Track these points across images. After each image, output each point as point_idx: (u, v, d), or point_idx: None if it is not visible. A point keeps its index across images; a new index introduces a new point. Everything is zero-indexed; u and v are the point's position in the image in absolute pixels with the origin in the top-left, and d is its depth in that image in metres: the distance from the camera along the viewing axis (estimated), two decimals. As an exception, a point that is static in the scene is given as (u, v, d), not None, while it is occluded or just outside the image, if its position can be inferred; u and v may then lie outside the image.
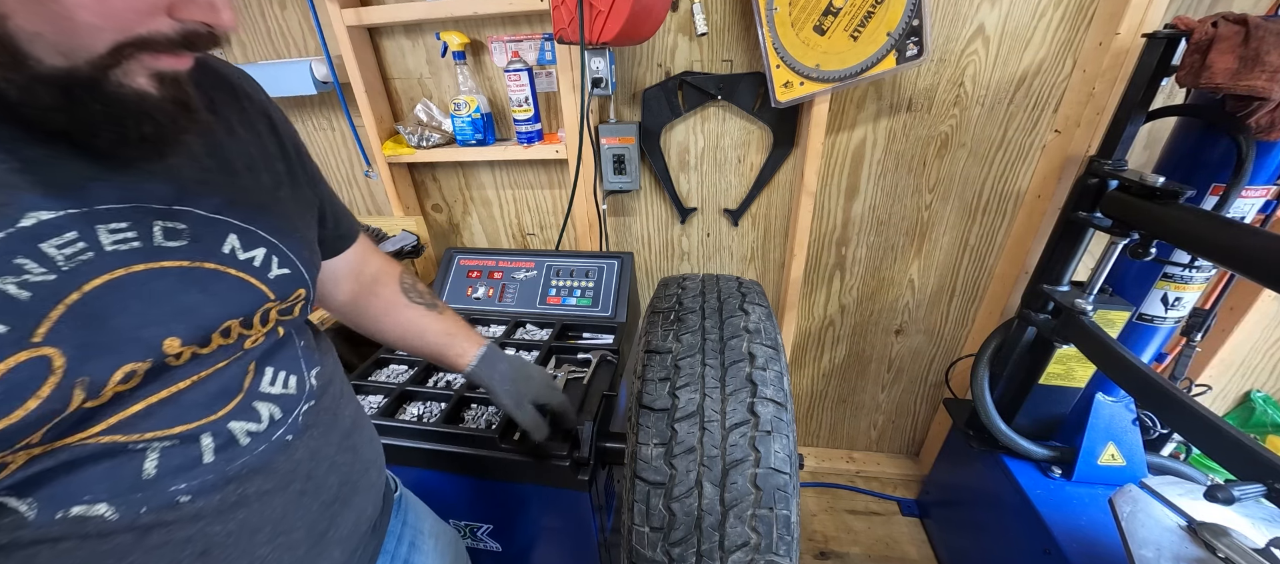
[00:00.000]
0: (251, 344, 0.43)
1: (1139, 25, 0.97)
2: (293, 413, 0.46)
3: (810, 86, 1.09)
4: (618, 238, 1.51)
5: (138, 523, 0.36)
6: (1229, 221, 0.72)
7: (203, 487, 0.39)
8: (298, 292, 0.46)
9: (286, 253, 0.44)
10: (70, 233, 0.31)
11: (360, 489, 0.54)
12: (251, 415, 0.42)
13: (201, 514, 0.39)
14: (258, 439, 0.43)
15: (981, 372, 1.17)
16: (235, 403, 0.41)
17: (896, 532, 1.55)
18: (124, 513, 0.35)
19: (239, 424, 0.41)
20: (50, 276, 0.30)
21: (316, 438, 0.48)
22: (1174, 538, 0.80)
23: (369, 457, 0.57)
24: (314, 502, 0.48)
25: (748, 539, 0.57)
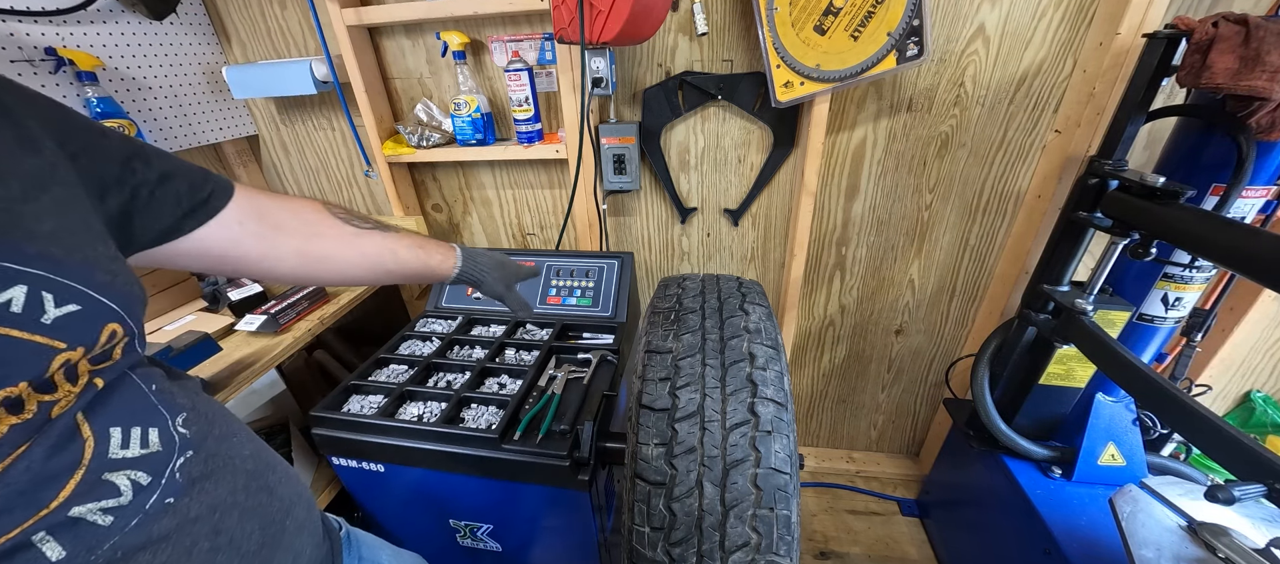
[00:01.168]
0: (58, 411, 0.34)
1: (1139, 25, 0.97)
2: (165, 471, 0.39)
3: (810, 86, 1.09)
4: (618, 238, 1.51)
5: None
6: (1229, 222, 0.72)
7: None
8: (106, 327, 0.36)
9: (66, 283, 0.33)
10: None
11: (288, 530, 0.48)
12: (105, 491, 0.35)
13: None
14: (125, 514, 0.36)
15: (981, 372, 1.17)
16: (73, 484, 0.34)
17: (896, 532, 1.55)
18: None
19: (89, 506, 0.34)
20: None
21: (211, 489, 0.42)
22: (1174, 538, 0.80)
23: (289, 495, 0.51)
24: (234, 555, 0.42)
25: (748, 539, 0.57)
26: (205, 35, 1.39)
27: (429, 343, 1.15)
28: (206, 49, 1.39)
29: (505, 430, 0.86)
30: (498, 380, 1.03)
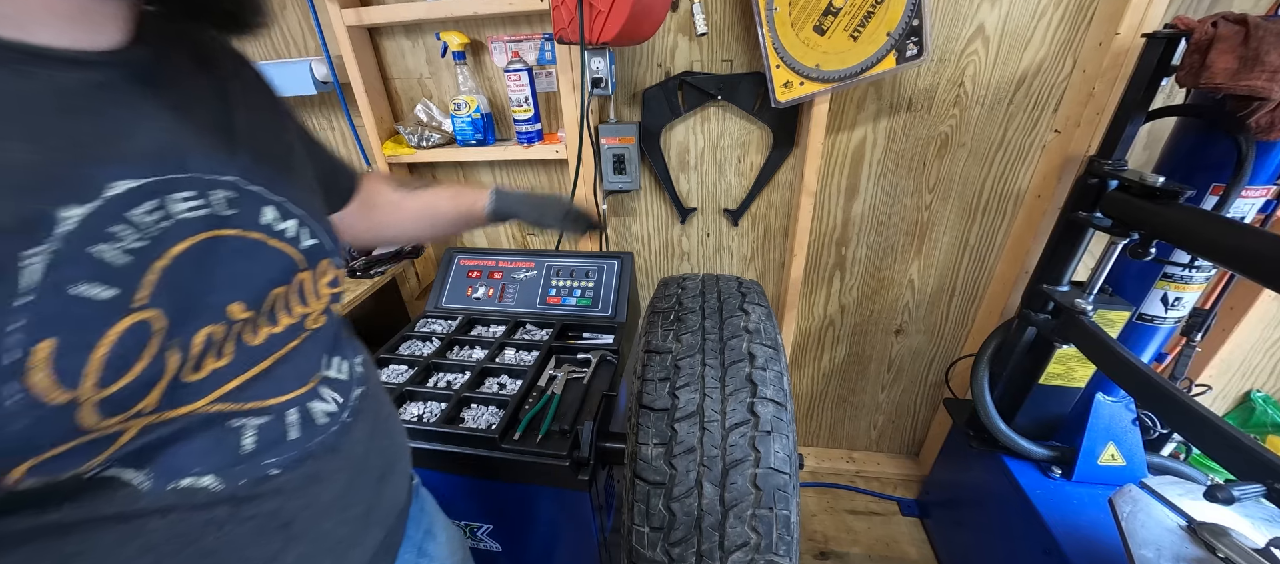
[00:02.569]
0: (313, 324, 0.45)
1: (1139, 25, 0.97)
2: (349, 397, 0.48)
3: (810, 86, 1.09)
4: (618, 238, 1.51)
5: (236, 494, 0.37)
6: (1229, 221, 0.72)
7: (288, 462, 0.41)
8: (323, 261, 0.47)
9: (313, 224, 0.45)
10: (151, 201, 0.31)
11: (396, 472, 0.57)
12: (324, 397, 0.45)
13: (284, 488, 0.41)
14: (331, 420, 0.45)
15: (981, 372, 1.17)
16: (312, 384, 0.44)
17: (896, 532, 1.55)
18: (226, 485, 0.37)
19: (316, 405, 0.44)
20: (144, 243, 0.30)
21: (366, 422, 0.51)
22: (1174, 538, 0.80)
23: (401, 443, 0.60)
24: (367, 481, 0.51)
25: (748, 539, 0.57)
26: (205, 36, 1.39)
27: (429, 343, 1.15)
28: (206, 49, 1.39)
29: (505, 430, 0.86)
30: (498, 380, 1.03)
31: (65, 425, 0.27)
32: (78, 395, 0.27)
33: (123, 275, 0.29)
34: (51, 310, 0.26)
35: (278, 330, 0.41)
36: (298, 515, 0.42)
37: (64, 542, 0.31)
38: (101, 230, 0.28)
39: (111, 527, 0.32)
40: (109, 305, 0.28)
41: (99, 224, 0.28)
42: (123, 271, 0.29)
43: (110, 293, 0.28)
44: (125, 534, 0.33)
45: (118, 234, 0.29)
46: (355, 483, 0.49)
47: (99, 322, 0.28)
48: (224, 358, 0.36)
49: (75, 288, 0.27)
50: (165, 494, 0.34)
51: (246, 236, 0.38)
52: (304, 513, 0.43)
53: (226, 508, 0.37)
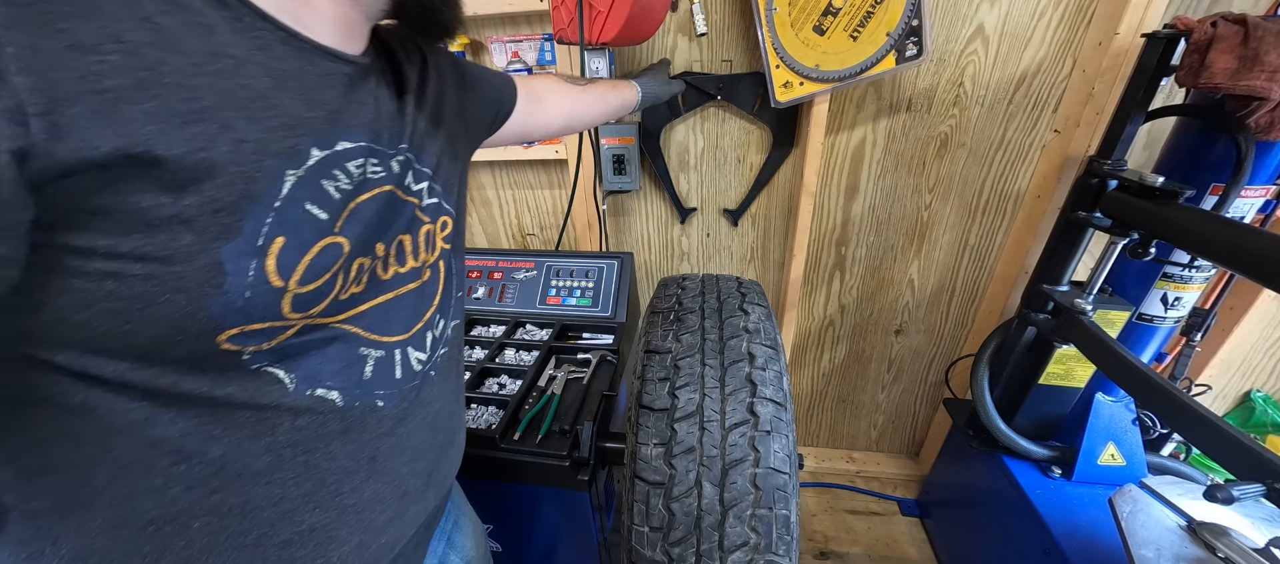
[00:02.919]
0: (428, 275, 0.51)
1: (1138, 25, 0.97)
2: (436, 353, 0.53)
3: (810, 87, 1.09)
4: (618, 238, 1.51)
5: (350, 414, 0.43)
6: (1229, 221, 0.72)
7: (390, 398, 0.46)
8: (441, 218, 0.52)
9: (438, 186, 0.52)
10: (359, 158, 0.40)
11: (455, 444, 0.60)
12: (421, 345, 0.50)
13: (382, 423, 0.46)
14: (422, 368, 0.50)
15: (981, 372, 1.17)
16: (415, 330, 0.49)
17: (896, 532, 1.55)
18: (346, 403, 0.43)
19: (413, 352, 0.49)
20: (349, 186, 0.39)
21: (444, 383, 0.55)
22: (1174, 538, 0.80)
23: (463, 419, 0.64)
24: (436, 438, 0.55)
25: (747, 539, 0.57)
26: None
27: (429, 343, 1.15)
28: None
29: (505, 430, 0.86)
30: (497, 380, 1.03)
31: (272, 306, 0.35)
32: (287, 285, 0.35)
33: (333, 206, 0.38)
34: (290, 216, 0.35)
35: (402, 270, 0.48)
36: (383, 452, 0.47)
37: (215, 422, 0.37)
38: (328, 171, 0.37)
39: (254, 419, 0.38)
40: (321, 225, 0.37)
41: (328, 167, 0.37)
42: (334, 204, 0.38)
43: (324, 216, 0.37)
44: (260, 429, 0.39)
45: (336, 176, 0.38)
46: (428, 438, 0.53)
47: (313, 234, 0.37)
48: (361, 285, 0.43)
49: (307, 205, 0.36)
50: (303, 398, 0.40)
51: (396, 193, 0.46)
52: (388, 452, 0.47)
53: (339, 425, 0.43)
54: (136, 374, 0.33)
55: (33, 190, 0.26)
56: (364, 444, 0.45)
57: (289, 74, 0.35)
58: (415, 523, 0.54)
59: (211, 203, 0.31)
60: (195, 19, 0.30)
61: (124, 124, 0.27)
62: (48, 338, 0.31)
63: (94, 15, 0.26)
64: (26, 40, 0.24)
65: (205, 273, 0.31)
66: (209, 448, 0.37)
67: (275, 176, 0.34)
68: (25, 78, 0.24)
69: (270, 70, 0.34)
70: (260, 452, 0.39)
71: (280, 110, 0.34)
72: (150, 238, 0.29)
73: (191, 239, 0.30)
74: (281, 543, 0.42)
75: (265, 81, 0.33)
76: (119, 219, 0.28)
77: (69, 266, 0.29)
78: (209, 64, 0.30)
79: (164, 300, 0.31)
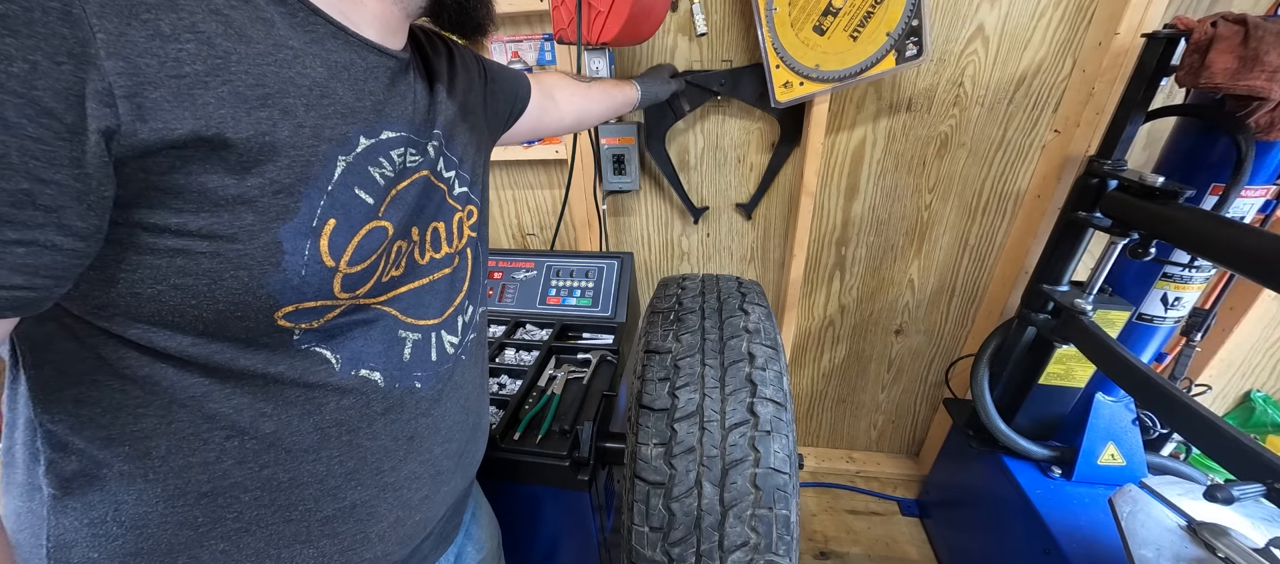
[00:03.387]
0: (459, 262, 0.53)
1: (1138, 25, 0.97)
2: (467, 337, 0.55)
3: (810, 87, 1.09)
4: (618, 238, 1.51)
5: (391, 395, 0.45)
6: (1229, 221, 0.72)
7: (427, 379, 0.48)
8: (469, 206, 0.55)
9: (465, 175, 0.54)
10: (400, 147, 0.42)
11: (481, 429, 0.62)
12: (453, 329, 0.52)
13: (420, 404, 0.48)
14: (455, 351, 0.52)
15: (981, 372, 1.17)
16: (447, 314, 0.51)
17: (896, 532, 1.55)
18: (387, 384, 0.45)
19: (447, 335, 0.51)
20: (391, 173, 0.41)
21: (473, 367, 0.57)
22: (1174, 538, 0.80)
23: (487, 406, 0.66)
24: (466, 421, 0.57)
25: (747, 539, 0.57)
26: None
27: (429, 343, 1.15)
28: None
29: (505, 430, 0.86)
30: (497, 380, 1.03)
31: (324, 285, 0.37)
32: (338, 265, 0.37)
33: (378, 191, 0.40)
34: (341, 199, 0.37)
35: (438, 256, 0.50)
36: (421, 432, 0.49)
37: (267, 400, 0.39)
38: (374, 158, 0.39)
39: (302, 397, 0.40)
40: (368, 209, 0.39)
41: (374, 154, 0.39)
42: (379, 189, 0.40)
43: (370, 200, 0.39)
44: (308, 408, 0.41)
45: (381, 163, 0.40)
46: (460, 420, 0.55)
47: (361, 218, 0.38)
48: (400, 269, 0.45)
49: (356, 190, 0.38)
50: (349, 378, 0.42)
51: (430, 179, 0.48)
52: (425, 432, 0.50)
53: (381, 405, 0.45)
54: (198, 349, 0.35)
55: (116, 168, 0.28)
56: (403, 424, 0.47)
57: (341, 65, 0.37)
58: (445, 503, 0.56)
59: (272, 184, 0.33)
60: (258, 13, 0.32)
61: (200, 108, 0.29)
62: (121, 311, 0.32)
63: (173, 7, 0.28)
64: (115, 28, 0.26)
65: (266, 251, 0.33)
66: (261, 424, 0.39)
67: (329, 161, 0.36)
68: (114, 63, 0.26)
69: (326, 61, 0.36)
70: (309, 430, 0.41)
71: (335, 99, 0.36)
72: (217, 216, 0.31)
73: (254, 218, 0.32)
74: (325, 518, 0.44)
75: (321, 72, 0.35)
76: (189, 198, 0.30)
77: (142, 243, 0.30)
78: (273, 54, 0.32)
79: (228, 276, 0.33)
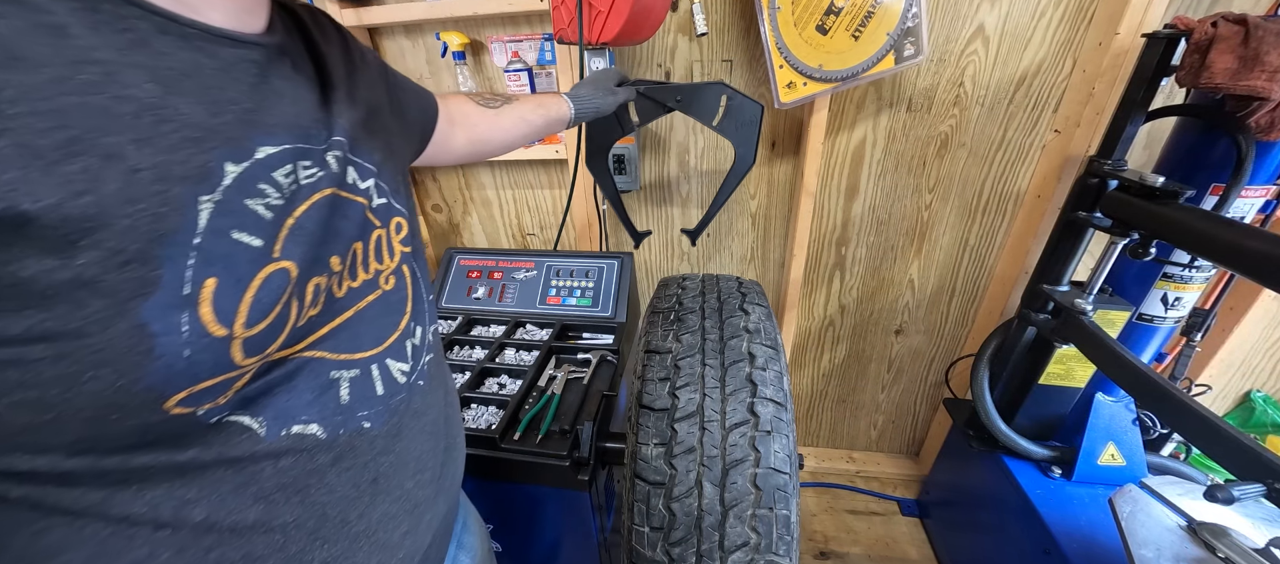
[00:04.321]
0: (386, 283, 0.47)
1: (1139, 25, 0.97)
2: (421, 361, 0.50)
3: (813, 87, 1.09)
4: (618, 238, 1.51)
5: (337, 443, 0.40)
6: (1229, 221, 0.72)
7: (377, 416, 0.43)
8: (395, 219, 0.49)
9: (383, 185, 0.47)
10: (288, 165, 0.35)
11: (457, 446, 0.59)
12: (401, 356, 0.47)
13: (376, 443, 0.43)
14: (406, 379, 0.47)
15: (981, 372, 1.17)
16: (390, 342, 0.46)
17: (896, 532, 1.55)
18: (329, 434, 0.40)
19: (393, 363, 0.46)
20: (281, 200, 0.34)
21: (435, 388, 0.53)
22: (1174, 538, 0.80)
23: (460, 419, 0.62)
24: (439, 445, 0.53)
25: (748, 539, 0.57)
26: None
27: (429, 343, 1.15)
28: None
29: (505, 430, 0.86)
30: (497, 380, 1.03)
31: (220, 358, 0.31)
32: (232, 331, 0.31)
33: (266, 228, 0.33)
34: (216, 251, 0.30)
35: (356, 285, 0.44)
36: (384, 471, 0.45)
37: (186, 486, 0.33)
38: (251, 186, 0.32)
39: (231, 473, 0.35)
40: (257, 253, 0.32)
41: (250, 181, 0.32)
42: (267, 225, 0.33)
43: (258, 242, 0.32)
44: (240, 482, 0.35)
45: (263, 192, 0.33)
46: (429, 447, 0.51)
47: (249, 266, 0.32)
48: (318, 307, 0.39)
49: (234, 234, 0.31)
50: (280, 439, 0.37)
51: (342, 195, 0.41)
52: (390, 469, 0.45)
53: (328, 457, 0.40)
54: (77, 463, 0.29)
55: None
56: (361, 469, 0.43)
57: (180, 72, 0.29)
58: (431, 530, 0.53)
59: (114, 256, 0.25)
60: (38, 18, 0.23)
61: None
62: None
63: None
64: None
65: (129, 339, 0.26)
66: (188, 512, 0.33)
67: (186, 207, 0.28)
68: None
69: (156, 72, 0.28)
70: (247, 503, 0.36)
71: (178, 122, 0.28)
72: (48, 311, 0.24)
73: (101, 304, 0.25)
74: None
75: (151, 88, 0.27)
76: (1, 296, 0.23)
77: None
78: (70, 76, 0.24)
79: (87, 380, 0.26)
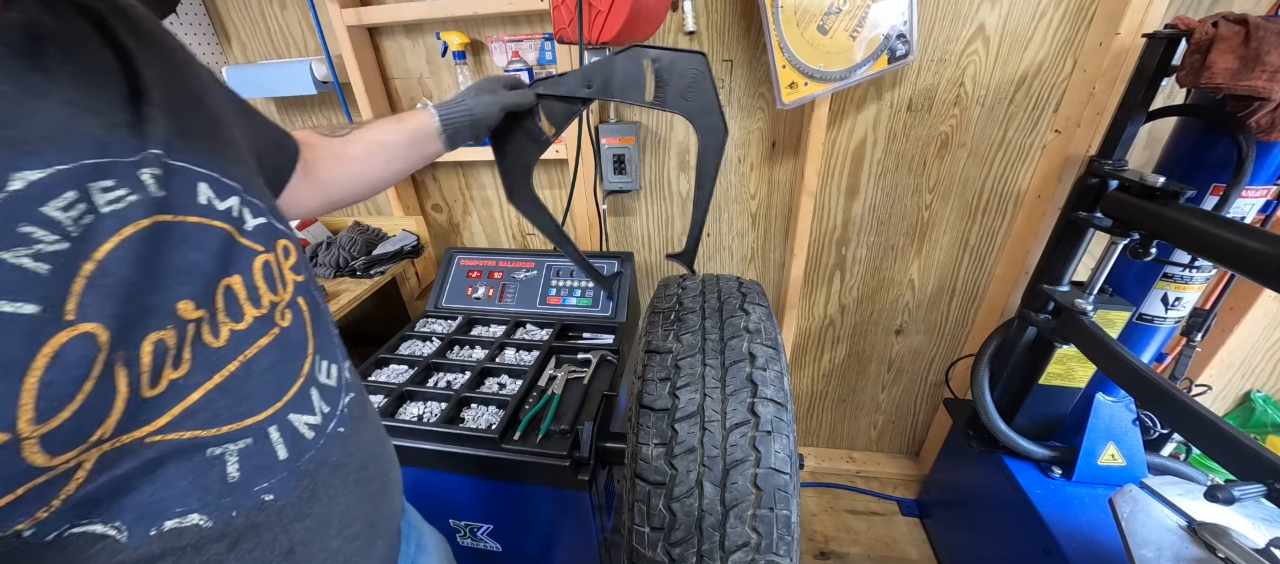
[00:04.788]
0: (290, 318, 0.40)
1: (1139, 25, 0.97)
2: (338, 405, 0.45)
3: (814, 86, 1.09)
4: (618, 238, 1.51)
5: (231, 529, 0.35)
6: (1229, 221, 0.72)
7: (282, 483, 0.38)
8: (279, 241, 0.41)
9: (255, 201, 0.39)
10: (69, 194, 0.26)
11: (392, 481, 0.54)
12: (308, 408, 0.41)
13: (285, 513, 0.38)
14: (317, 432, 0.42)
15: (981, 372, 1.17)
16: (292, 393, 0.40)
17: (896, 532, 1.55)
18: (217, 520, 0.34)
19: (298, 418, 0.40)
20: (63, 245, 0.26)
21: (360, 429, 0.48)
22: (1174, 538, 0.80)
23: (391, 450, 0.57)
24: (366, 492, 0.47)
25: (748, 539, 0.57)
26: (205, 35, 1.39)
27: (429, 343, 1.15)
28: (206, 49, 1.39)
29: (505, 430, 0.86)
30: (498, 380, 1.03)
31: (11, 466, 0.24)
32: (17, 431, 0.24)
33: (44, 285, 0.25)
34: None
35: (242, 327, 0.36)
36: (301, 539, 0.39)
37: None
38: (11, 232, 0.24)
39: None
40: (33, 323, 0.24)
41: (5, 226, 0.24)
42: (43, 281, 0.25)
43: (31, 308, 0.24)
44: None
45: (29, 236, 0.25)
46: (357, 495, 0.46)
47: (22, 344, 0.24)
48: (182, 367, 0.32)
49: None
50: (150, 541, 0.31)
51: (184, 221, 0.32)
52: (307, 535, 0.40)
53: (222, 546, 0.34)
54: None
55: None
56: (269, 546, 0.37)
57: None
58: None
59: None
60: None
61: None
62: None
63: None
64: None
65: None
66: None
67: None
68: None
69: None
70: None
71: None
72: None
73: None
74: None
75: None
76: None
77: None
78: None
79: None
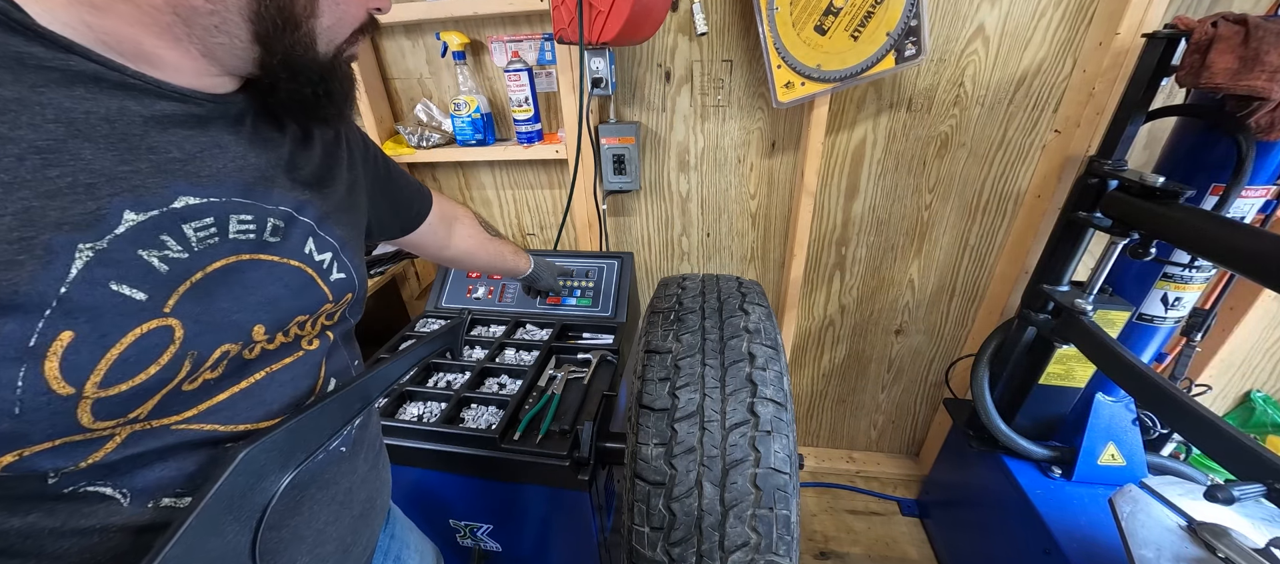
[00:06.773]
0: (316, 344, 0.45)
1: (1139, 25, 0.97)
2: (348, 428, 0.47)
3: (811, 87, 1.09)
4: (618, 238, 1.51)
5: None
6: (1229, 221, 0.72)
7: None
8: (347, 295, 0.48)
9: (345, 259, 0.46)
10: (208, 218, 0.34)
11: (377, 509, 0.56)
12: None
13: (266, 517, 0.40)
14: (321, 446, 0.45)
15: (981, 372, 1.17)
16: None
17: (896, 532, 1.55)
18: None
19: None
20: (184, 255, 0.32)
21: (359, 454, 0.51)
22: (1174, 538, 0.80)
23: (386, 478, 0.60)
24: (347, 516, 0.49)
25: (748, 539, 0.57)
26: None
27: (429, 343, 1.15)
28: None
29: (505, 430, 0.86)
30: (497, 380, 1.03)
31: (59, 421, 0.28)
32: (81, 391, 0.28)
33: (157, 281, 0.31)
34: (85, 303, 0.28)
35: (273, 347, 0.40)
36: (272, 547, 0.41)
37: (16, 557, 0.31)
38: (153, 236, 0.31)
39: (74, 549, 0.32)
40: (136, 307, 0.30)
41: (153, 230, 0.31)
42: (158, 278, 0.31)
43: (141, 295, 0.30)
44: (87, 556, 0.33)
45: (164, 243, 0.31)
46: (336, 517, 0.47)
47: (122, 322, 0.29)
48: (218, 370, 0.36)
49: (113, 285, 0.29)
50: (145, 513, 0.34)
51: (285, 262, 0.40)
52: (278, 545, 0.42)
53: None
54: None
55: None
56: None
57: (99, 117, 0.29)
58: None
59: None
60: None
61: None
62: None
63: None
64: None
65: None
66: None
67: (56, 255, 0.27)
68: None
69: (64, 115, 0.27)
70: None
71: (72, 167, 0.27)
72: None
73: None
74: None
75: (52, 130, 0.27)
76: None
77: None
78: None
79: None
